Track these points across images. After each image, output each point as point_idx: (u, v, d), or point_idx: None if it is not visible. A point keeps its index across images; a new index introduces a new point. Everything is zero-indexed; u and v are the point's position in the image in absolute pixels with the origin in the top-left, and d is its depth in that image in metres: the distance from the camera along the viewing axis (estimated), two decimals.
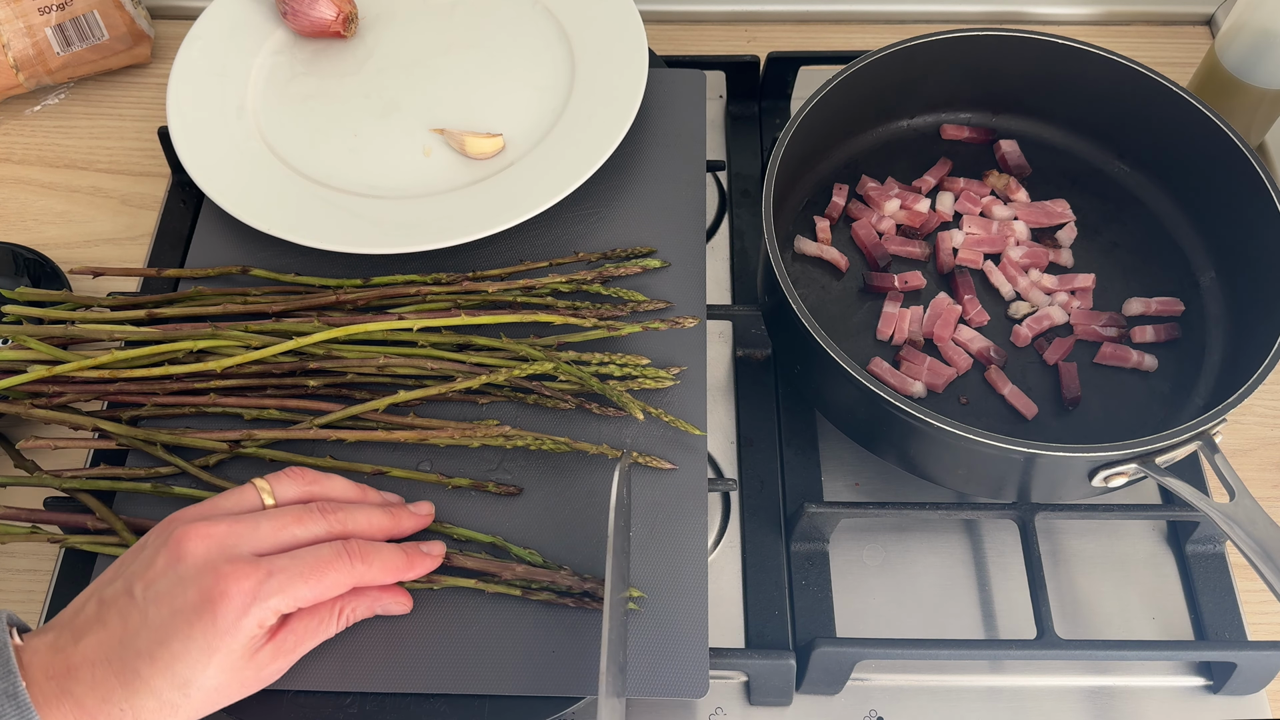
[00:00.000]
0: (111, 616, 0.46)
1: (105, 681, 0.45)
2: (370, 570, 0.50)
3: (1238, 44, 0.72)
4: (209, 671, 0.46)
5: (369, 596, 0.52)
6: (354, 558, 0.49)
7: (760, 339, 0.68)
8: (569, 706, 0.53)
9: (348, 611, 0.51)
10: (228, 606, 0.45)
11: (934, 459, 0.58)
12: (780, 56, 0.80)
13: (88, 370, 0.59)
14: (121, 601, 0.46)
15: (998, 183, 0.71)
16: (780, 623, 0.59)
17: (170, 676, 0.45)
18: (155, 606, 0.46)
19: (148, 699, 0.45)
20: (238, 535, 0.48)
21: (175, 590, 0.46)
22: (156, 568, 0.47)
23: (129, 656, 0.45)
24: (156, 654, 0.45)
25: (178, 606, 0.45)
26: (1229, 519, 0.52)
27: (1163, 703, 0.58)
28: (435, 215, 0.67)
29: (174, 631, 0.45)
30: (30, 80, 0.82)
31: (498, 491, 0.58)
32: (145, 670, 0.45)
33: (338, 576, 0.49)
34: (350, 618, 0.52)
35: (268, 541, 0.48)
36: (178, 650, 0.45)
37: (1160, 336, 0.65)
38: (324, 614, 0.50)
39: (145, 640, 0.45)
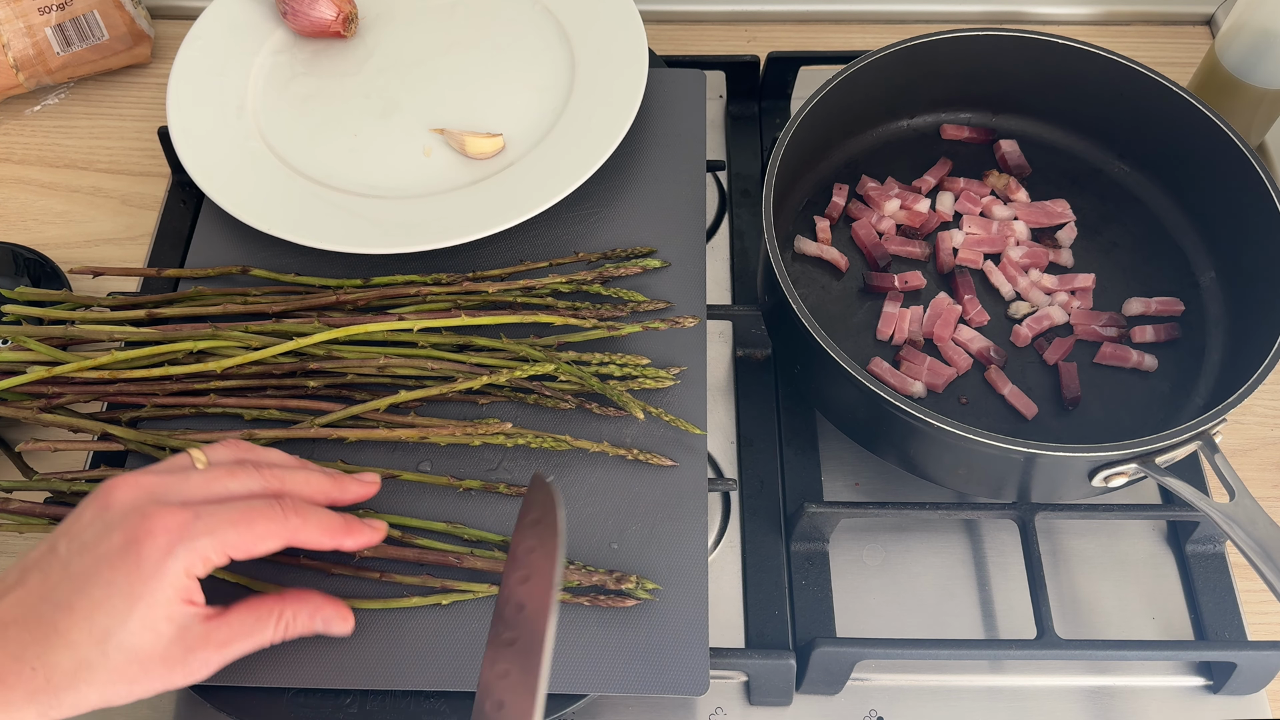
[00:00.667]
0: (32, 575, 0.44)
1: (18, 639, 0.43)
2: (305, 527, 0.48)
3: (1238, 44, 0.72)
4: (130, 624, 0.43)
5: (310, 605, 0.50)
6: (287, 511, 0.47)
7: (760, 339, 0.68)
8: (569, 706, 0.53)
9: (287, 617, 0.49)
10: (152, 545, 0.44)
11: (934, 459, 0.58)
12: (780, 56, 0.80)
13: (87, 371, 0.59)
14: (44, 560, 0.45)
15: (998, 183, 0.71)
16: (780, 623, 0.59)
17: (89, 627, 0.43)
18: (79, 557, 0.44)
19: (63, 654, 0.43)
20: (167, 485, 0.46)
21: (100, 538, 0.44)
22: (82, 521, 0.45)
23: (46, 610, 0.43)
24: (75, 603, 0.43)
25: (101, 552, 0.44)
26: (1229, 519, 0.52)
27: (1163, 703, 0.59)
28: (435, 215, 0.67)
29: (95, 577, 0.43)
30: (30, 80, 0.82)
31: (509, 493, 0.58)
32: (63, 622, 0.43)
33: (269, 526, 0.46)
34: (289, 627, 0.49)
35: (199, 492, 0.47)
36: (98, 597, 0.43)
37: (1160, 336, 0.65)
38: (262, 614, 0.48)
39: (65, 591, 0.43)
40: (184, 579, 0.44)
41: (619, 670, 0.53)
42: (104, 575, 0.43)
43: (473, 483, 0.58)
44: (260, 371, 0.60)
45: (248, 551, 0.46)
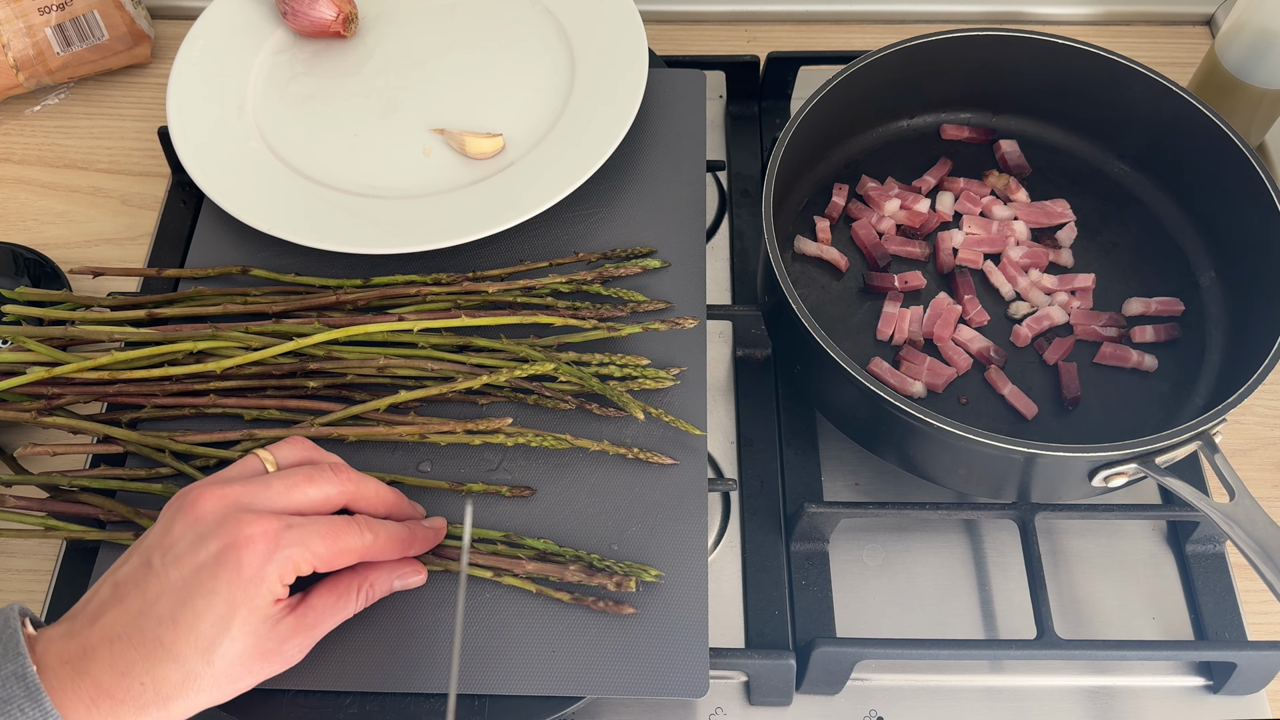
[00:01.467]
0: (129, 592, 0.45)
1: (124, 655, 0.44)
2: (377, 541, 0.50)
3: (1238, 44, 0.72)
4: (232, 631, 0.45)
5: (386, 569, 0.52)
6: (364, 529, 0.49)
7: (760, 339, 0.68)
8: (569, 706, 0.53)
9: (366, 587, 0.51)
10: (251, 552, 0.45)
11: (934, 459, 0.58)
12: (780, 56, 0.80)
13: (87, 372, 0.59)
14: (138, 575, 0.46)
15: (998, 183, 0.71)
16: (780, 623, 0.59)
17: (194, 639, 0.44)
18: (175, 568, 0.45)
19: (170, 668, 0.44)
20: (251, 494, 0.48)
21: (195, 548, 0.45)
22: (173, 534, 0.46)
23: (149, 625, 0.44)
24: (179, 616, 0.44)
25: (200, 563, 0.45)
26: (1229, 519, 0.52)
27: (1163, 703, 0.59)
28: (435, 215, 0.67)
29: (197, 588, 0.44)
30: (30, 80, 0.82)
31: (511, 495, 0.58)
32: (167, 636, 0.44)
33: (351, 541, 0.49)
34: (370, 594, 0.51)
35: (281, 500, 0.48)
36: (201, 608, 0.44)
37: (1160, 336, 0.65)
38: (344, 589, 0.50)
39: (166, 605, 0.44)
40: (279, 585, 0.46)
41: (619, 671, 0.53)
42: (205, 585, 0.45)
43: (475, 485, 0.58)
44: (260, 372, 0.60)
45: (329, 564, 0.48)
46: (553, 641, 0.54)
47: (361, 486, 0.51)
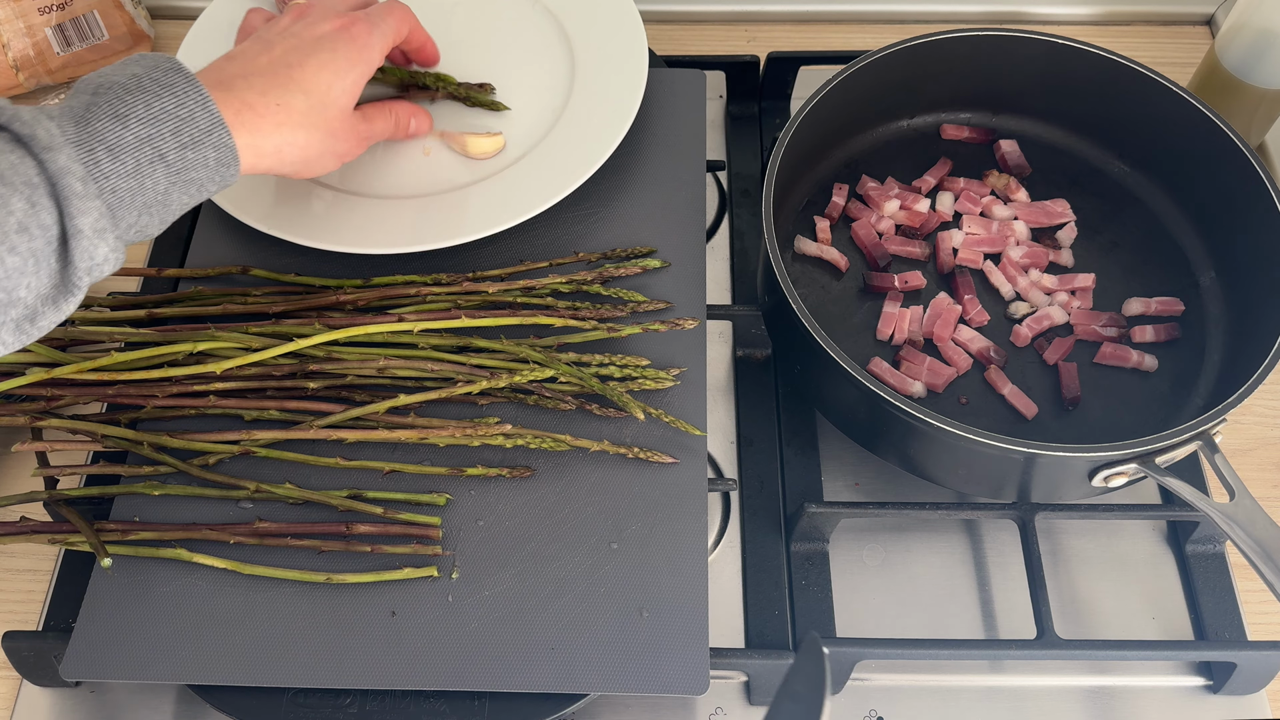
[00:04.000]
0: (254, 51, 0.55)
1: (261, 84, 0.53)
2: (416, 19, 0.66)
3: (1238, 44, 0.72)
4: (345, 83, 0.57)
5: (405, 105, 0.66)
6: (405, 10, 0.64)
7: (760, 339, 0.68)
8: (569, 705, 0.53)
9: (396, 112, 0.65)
10: (360, 28, 0.58)
11: (934, 459, 0.58)
12: (780, 56, 0.80)
13: (86, 372, 0.59)
14: (259, 44, 0.56)
15: (998, 183, 0.71)
16: (780, 623, 0.59)
17: (318, 78, 0.55)
18: (296, 38, 0.56)
19: (298, 97, 0.54)
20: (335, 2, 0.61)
21: (311, 26, 0.57)
22: (282, 23, 0.58)
23: (279, 67, 0.55)
24: (306, 62, 0.55)
25: (319, 34, 0.57)
26: (1229, 519, 0.52)
27: (1163, 703, 0.59)
28: (435, 215, 0.67)
29: (319, 47, 0.56)
30: (30, 80, 0.82)
31: (511, 475, 0.58)
32: (297, 74, 0.55)
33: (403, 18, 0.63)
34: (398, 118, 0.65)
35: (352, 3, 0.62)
36: (325, 59, 0.56)
37: (1160, 336, 0.65)
38: (384, 109, 0.64)
39: (295, 55, 0.55)
40: (378, 55, 0.60)
41: (619, 670, 0.53)
42: (326, 46, 0.57)
43: (474, 470, 0.58)
44: (260, 373, 0.60)
45: (399, 36, 0.63)
46: (553, 640, 0.54)
47: None
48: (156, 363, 0.60)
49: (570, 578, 0.55)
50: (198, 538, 0.56)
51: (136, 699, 0.58)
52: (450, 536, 0.57)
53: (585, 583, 0.55)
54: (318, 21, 0.58)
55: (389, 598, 0.55)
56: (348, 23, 0.58)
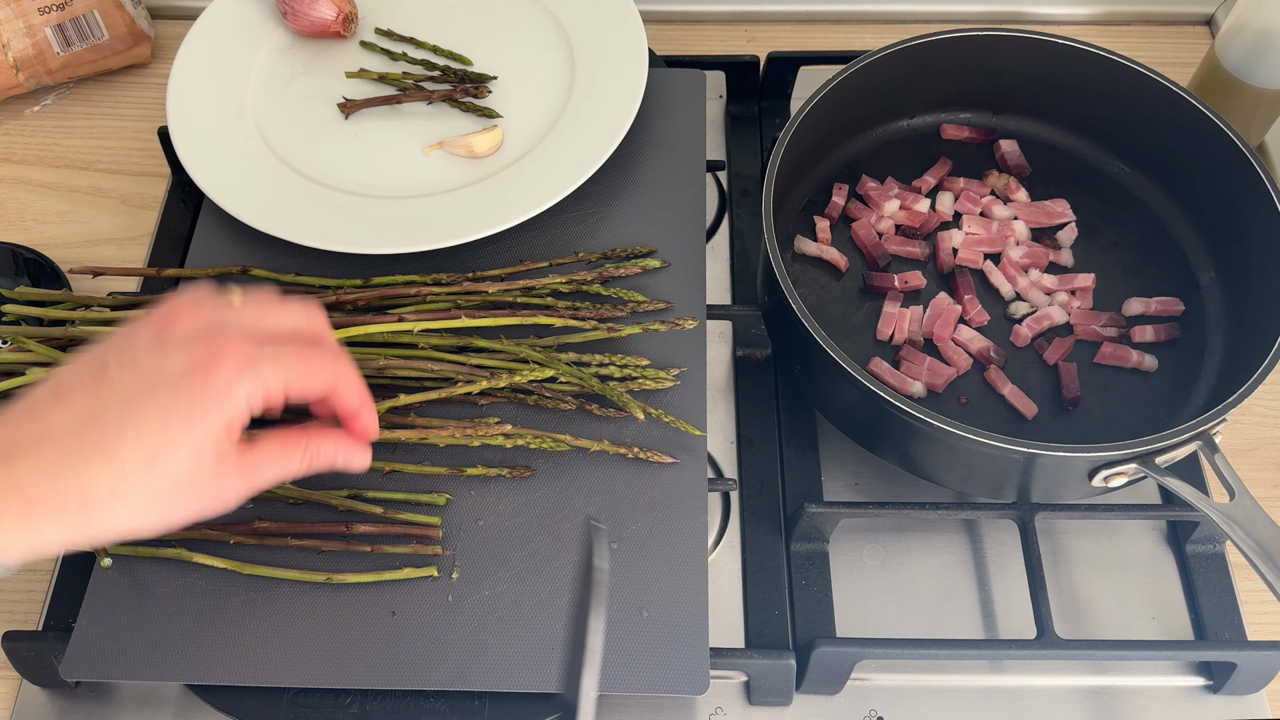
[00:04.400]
0: (74, 393, 0.42)
1: (52, 456, 0.40)
2: (349, 375, 0.48)
3: (1238, 44, 0.72)
4: (182, 448, 0.42)
5: (334, 438, 0.49)
6: (337, 355, 0.47)
7: (760, 339, 0.68)
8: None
9: (313, 450, 0.48)
10: (220, 370, 0.42)
11: (934, 459, 0.58)
12: (780, 56, 0.80)
13: None
14: (88, 377, 0.42)
15: (998, 183, 0.71)
16: (780, 623, 0.59)
17: (139, 447, 0.41)
18: (133, 375, 0.42)
19: (103, 474, 0.41)
20: (225, 314, 0.45)
21: (160, 359, 0.42)
22: (136, 344, 0.43)
23: (91, 430, 0.41)
24: (126, 421, 0.41)
25: (163, 373, 0.42)
26: (1229, 519, 0.52)
27: (1163, 703, 0.58)
28: (435, 215, 0.67)
29: (153, 398, 0.41)
30: (30, 80, 0.82)
31: (511, 475, 0.58)
32: (110, 441, 0.41)
33: (321, 366, 0.46)
34: (315, 458, 0.48)
35: (252, 325, 0.45)
36: (154, 417, 0.41)
37: (1160, 336, 0.65)
38: (292, 442, 0.47)
39: (115, 410, 0.41)
40: (243, 408, 0.43)
41: (619, 670, 0.53)
42: (163, 397, 0.42)
43: (474, 470, 0.58)
44: None
45: (301, 389, 0.45)
46: (553, 640, 0.54)
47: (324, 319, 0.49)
48: None
49: (570, 578, 0.55)
50: (197, 537, 0.56)
51: (136, 699, 0.58)
52: (450, 536, 0.57)
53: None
54: (174, 348, 0.43)
55: (389, 598, 0.55)
56: (211, 357, 0.43)
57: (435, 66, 0.75)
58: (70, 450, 0.41)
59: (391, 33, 0.77)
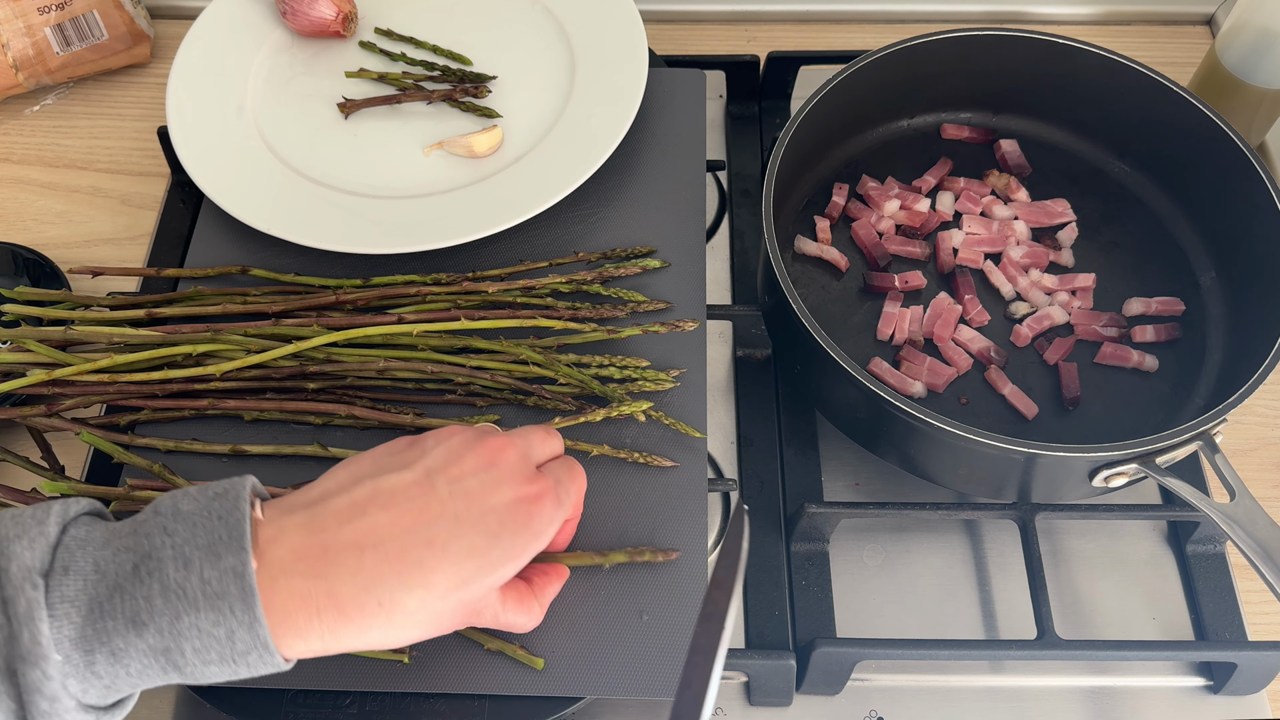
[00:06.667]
0: (400, 504, 0.42)
1: (375, 569, 0.40)
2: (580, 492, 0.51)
3: (1238, 44, 0.72)
4: (491, 580, 0.43)
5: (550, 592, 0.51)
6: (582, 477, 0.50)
7: (760, 339, 0.68)
8: (569, 706, 0.53)
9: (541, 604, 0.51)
10: (542, 510, 0.44)
11: (934, 459, 0.58)
12: (780, 56, 0.80)
13: (87, 374, 0.59)
14: (415, 491, 0.43)
15: (998, 182, 0.71)
16: (780, 623, 0.59)
17: (455, 571, 0.42)
18: (464, 500, 0.43)
19: (416, 590, 0.41)
20: (531, 447, 0.47)
21: (490, 488, 0.44)
22: (464, 465, 0.44)
23: (414, 545, 0.41)
24: (451, 546, 0.42)
25: (493, 504, 0.43)
26: (1229, 519, 0.52)
27: (1163, 703, 0.58)
28: (435, 215, 0.67)
29: (480, 525, 0.42)
30: (30, 80, 0.82)
31: None
32: (430, 561, 0.41)
33: (579, 488, 0.49)
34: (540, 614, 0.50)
35: (539, 455, 0.49)
36: (479, 546, 0.42)
37: (1160, 336, 0.65)
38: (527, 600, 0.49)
39: (442, 531, 0.42)
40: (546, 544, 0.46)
41: (619, 671, 0.53)
42: (490, 526, 0.43)
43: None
44: (260, 374, 0.60)
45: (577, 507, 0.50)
46: (552, 641, 0.54)
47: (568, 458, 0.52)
48: (156, 364, 0.60)
49: (570, 579, 0.55)
50: None
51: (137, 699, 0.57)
52: None
53: (585, 584, 0.55)
54: (502, 481, 0.44)
55: None
56: (538, 494, 0.44)
57: (435, 66, 0.75)
58: (393, 566, 0.41)
59: (391, 33, 0.77)
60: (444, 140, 0.71)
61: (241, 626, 0.38)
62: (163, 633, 0.37)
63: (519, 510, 0.44)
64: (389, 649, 0.43)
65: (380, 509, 0.42)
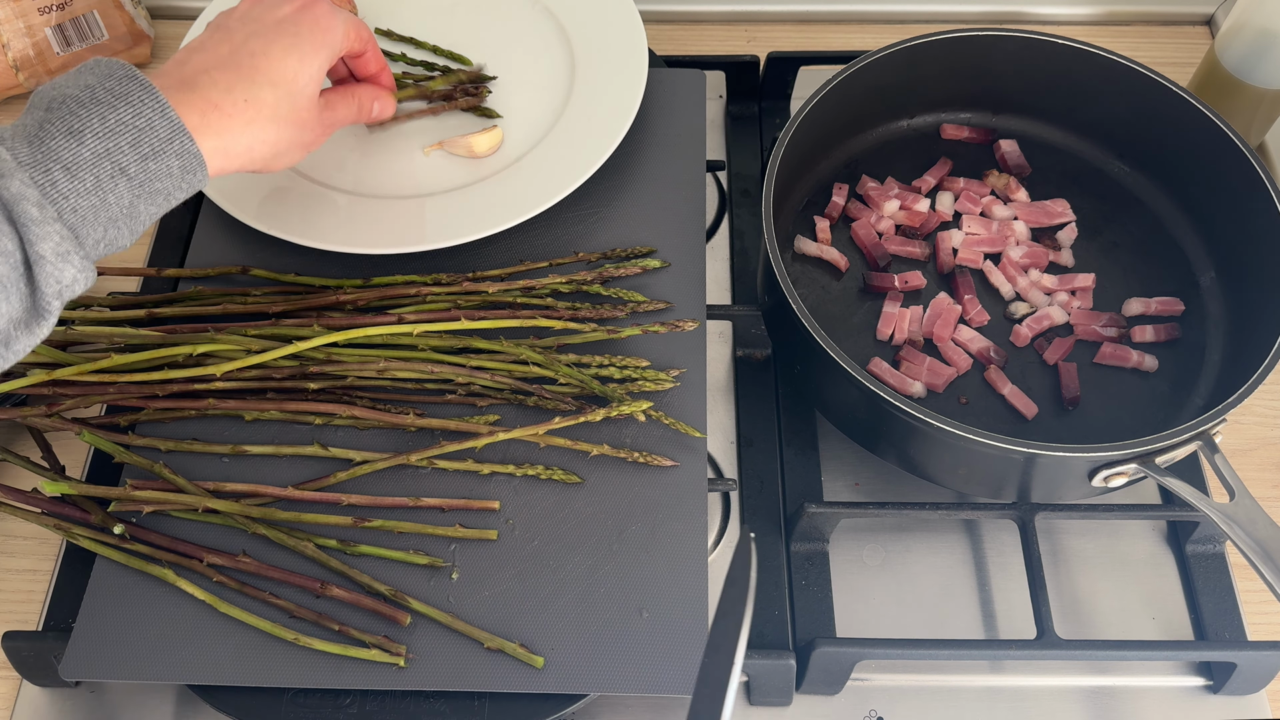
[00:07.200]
0: (216, 45, 0.52)
1: (225, 79, 0.50)
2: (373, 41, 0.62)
3: (1238, 44, 0.72)
4: (310, 70, 0.54)
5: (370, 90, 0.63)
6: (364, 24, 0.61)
7: (760, 339, 0.68)
8: (569, 706, 0.53)
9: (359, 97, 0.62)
10: (321, 9, 0.55)
11: (934, 459, 0.58)
12: (780, 56, 0.80)
13: (87, 374, 0.59)
14: (217, 33, 0.53)
15: (998, 183, 0.71)
16: (780, 623, 0.59)
17: (284, 66, 0.53)
18: (257, 23, 0.54)
19: (265, 88, 0.52)
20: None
21: (271, 8, 0.55)
22: (240, 8, 0.55)
23: (243, 57, 0.52)
24: (270, 49, 0.52)
25: (280, 16, 0.54)
26: (1229, 519, 0.52)
27: (1163, 703, 0.59)
28: (435, 215, 0.67)
29: (281, 32, 0.53)
30: (30, 80, 0.82)
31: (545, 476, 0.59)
32: (261, 64, 0.52)
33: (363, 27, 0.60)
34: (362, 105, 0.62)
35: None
36: (289, 43, 0.53)
37: (1160, 336, 0.65)
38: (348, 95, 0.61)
39: (257, 43, 0.52)
40: (340, 40, 0.57)
41: (619, 670, 0.53)
42: (289, 30, 0.54)
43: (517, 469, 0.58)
44: (260, 375, 0.60)
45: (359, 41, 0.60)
46: (553, 640, 0.54)
47: None
48: (157, 364, 0.60)
49: (570, 578, 0.55)
50: (184, 565, 0.55)
51: (136, 699, 0.58)
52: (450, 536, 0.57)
53: (585, 583, 0.55)
54: (277, 4, 0.55)
55: None
56: (307, 3, 0.56)
57: (435, 66, 0.75)
58: (238, 74, 0.51)
59: (391, 33, 0.77)
60: (444, 140, 0.71)
61: (156, 115, 0.46)
62: (98, 135, 0.44)
63: (302, 14, 0.55)
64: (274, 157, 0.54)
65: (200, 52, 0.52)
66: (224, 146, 0.50)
